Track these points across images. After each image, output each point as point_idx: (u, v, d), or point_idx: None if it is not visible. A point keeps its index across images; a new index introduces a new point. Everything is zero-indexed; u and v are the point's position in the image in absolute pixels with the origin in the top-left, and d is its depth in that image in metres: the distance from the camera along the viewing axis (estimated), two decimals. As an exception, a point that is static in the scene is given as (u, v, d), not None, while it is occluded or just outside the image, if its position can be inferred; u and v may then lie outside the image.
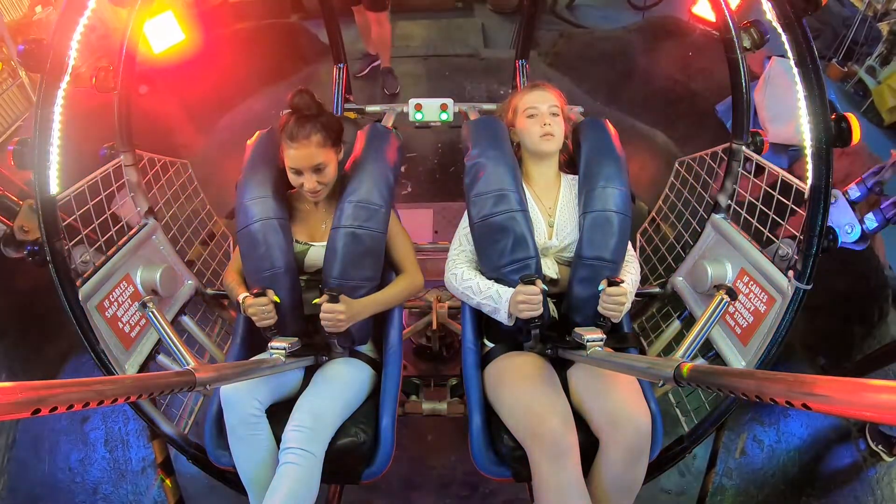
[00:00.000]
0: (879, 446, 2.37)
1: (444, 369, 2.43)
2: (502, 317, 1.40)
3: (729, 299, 1.29)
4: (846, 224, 1.27)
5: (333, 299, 1.37)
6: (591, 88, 4.20)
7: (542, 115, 1.53)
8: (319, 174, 1.42)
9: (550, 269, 1.52)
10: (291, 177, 1.44)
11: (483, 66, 4.50)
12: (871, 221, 1.25)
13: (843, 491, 2.33)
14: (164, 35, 2.81)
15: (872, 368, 2.45)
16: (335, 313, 1.37)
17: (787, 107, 3.04)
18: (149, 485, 2.31)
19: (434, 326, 2.25)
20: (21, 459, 2.40)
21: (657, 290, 1.97)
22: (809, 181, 1.23)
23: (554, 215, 1.55)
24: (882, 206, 1.25)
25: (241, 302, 1.43)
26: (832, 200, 1.28)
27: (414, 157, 3.62)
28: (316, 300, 1.41)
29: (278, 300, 1.42)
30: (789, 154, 3.28)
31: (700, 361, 1.66)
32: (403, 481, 2.24)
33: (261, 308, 1.38)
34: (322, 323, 1.39)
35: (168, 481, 1.60)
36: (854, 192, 1.28)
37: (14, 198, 1.39)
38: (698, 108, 3.73)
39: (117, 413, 2.49)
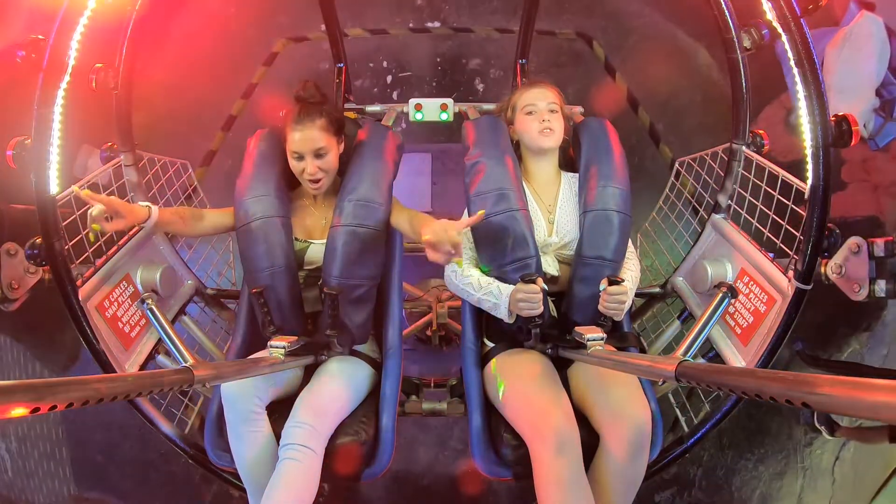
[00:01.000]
0: (823, 427, 2.46)
1: (444, 369, 2.43)
2: (502, 313, 1.41)
3: (730, 297, 1.29)
4: (857, 282, 1.24)
5: (333, 300, 1.36)
6: None
7: (541, 111, 1.54)
8: (320, 160, 1.44)
9: (550, 266, 1.52)
10: (293, 164, 1.45)
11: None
12: (880, 290, 1.22)
13: (778, 456, 2.46)
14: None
15: (850, 374, 2.46)
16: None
17: (859, 77, 2.57)
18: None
19: (434, 326, 2.25)
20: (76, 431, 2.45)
21: (657, 290, 1.97)
22: (809, 181, 1.24)
23: (554, 212, 1.55)
24: None
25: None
26: (855, 249, 1.25)
27: (408, 76, 3.17)
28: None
29: (277, 303, 1.41)
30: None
31: (700, 361, 1.66)
32: (408, 438, 2.34)
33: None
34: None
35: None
36: (880, 249, 1.23)
37: None
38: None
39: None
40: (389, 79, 3.19)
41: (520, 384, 1.38)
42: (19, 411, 0.56)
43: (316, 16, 2.32)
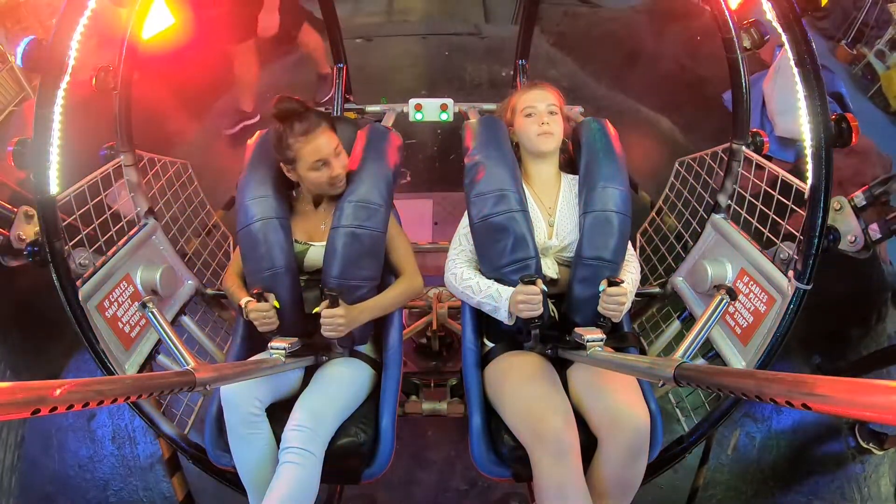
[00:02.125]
0: (870, 444, 2.39)
1: (444, 369, 2.43)
2: (502, 315, 1.41)
3: (729, 299, 1.29)
4: (850, 233, 1.26)
5: (333, 302, 1.37)
6: (595, 70, 4.06)
7: (541, 113, 1.53)
8: (340, 157, 1.46)
9: (550, 268, 1.52)
10: (315, 175, 1.44)
11: (485, 45, 4.35)
12: (875, 233, 1.24)
13: (831, 487, 2.36)
14: (154, 19, 2.71)
15: (869, 370, 2.46)
16: (335, 318, 1.37)
17: (796, 99, 3.02)
18: (158, 480, 2.32)
19: (434, 326, 2.25)
20: (31, 457, 2.41)
21: (657, 290, 1.97)
22: (809, 181, 1.23)
23: (554, 215, 1.55)
24: (887, 218, 1.23)
25: (242, 306, 1.43)
26: (837, 208, 1.27)
27: (413, 143, 3.50)
28: (316, 309, 1.41)
29: (278, 305, 1.42)
30: (797, 148, 3.12)
31: (700, 361, 1.67)
32: (404, 475, 2.27)
33: (261, 314, 1.39)
34: (322, 329, 1.39)
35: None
36: (860, 199, 1.26)
37: (7, 206, 1.35)
38: (706, 94, 3.62)
39: (122, 409, 2.51)
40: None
41: (519, 389, 1.38)
42: (20, 412, 0.56)
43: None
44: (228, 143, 3.49)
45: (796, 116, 1.24)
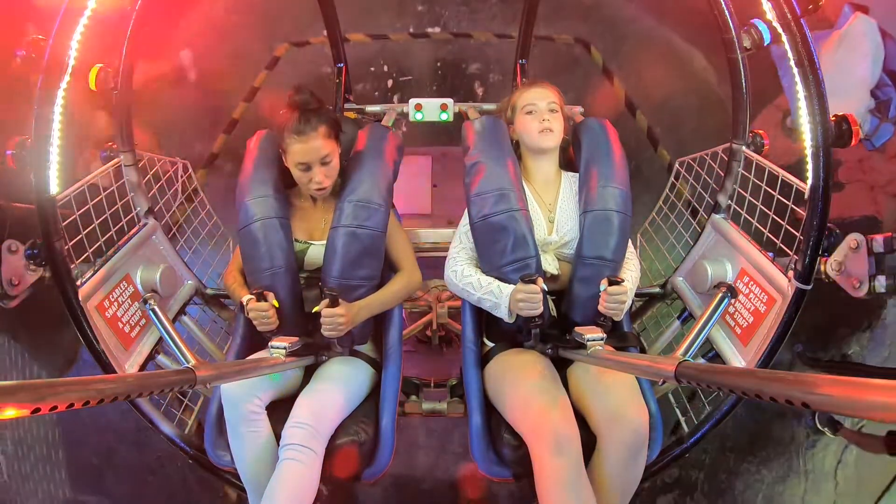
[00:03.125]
0: (826, 428, 2.48)
1: (444, 369, 2.43)
2: (503, 312, 1.41)
3: (730, 297, 1.29)
4: (857, 277, 1.25)
5: (333, 302, 1.37)
6: None
7: (541, 111, 1.54)
8: (327, 167, 1.44)
9: (551, 264, 1.52)
10: (298, 174, 1.44)
11: None
12: (880, 285, 1.23)
13: (780, 459, 2.47)
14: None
15: (851, 374, 2.47)
16: (335, 317, 1.37)
17: (854, 79, 2.66)
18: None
19: (434, 326, 2.26)
20: (73, 432, 2.46)
21: (657, 290, 1.97)
22: (809, 181, 1.24)
23: (554, 211, 1.55)
24: None
25: (244, 304, 1.43)
26: (854, 246, 1.25)
27: (409, 80, 3.20)
28: (316, 308, 1.41)
29: (277, 304, 1.42)
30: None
31: (700, 361, 1.67)
32: (408, 442, 2.36)
33: (261, 313, 1.39)
34: (322, 329, 1.39)
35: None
36: (878, 245, 1.23)
37: None
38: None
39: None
40: (390, 83, 3.23)
41: (519, 385, 1.38)
42: (20, 411, 0.56)
43: (318, 22, 2.33)
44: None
45: (847, 99, 1.20)
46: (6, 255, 1.29)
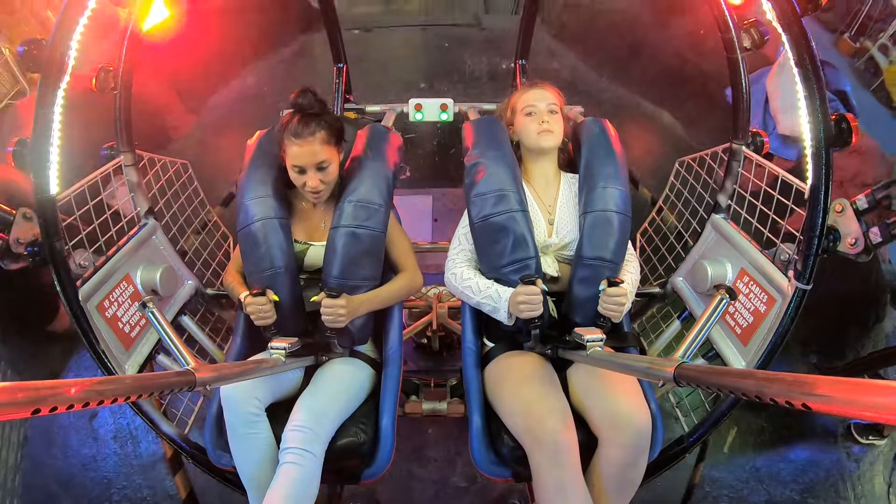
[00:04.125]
0: (869, 437, 2.40)
1: (444, 369, 2.43)
2: (502, 316, 1.41)
3: (729, 299, 1.29)
4: (850, 236, 1.26)
5: (332, 294, 1.37)
6: (596, 63, 4.04)
7: (541, 112, 1.54)
8: (323, 172, 1.43)
9: (550, 266, 1.52)
10: (294, 176, 1.44)
11: (484, 36, 4.35)
12: (875, 236, 1.24)
13: (825, 485, 2.38)
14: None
15: (868, 370, 2.46)
16: (335, 308, 1.37)
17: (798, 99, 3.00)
18: (161, 478, 2.33)
19: (434, 326, 2.25)
20: (34, 456, 2.42)
21: (657, 290, 1.97)
22: (809, 181, 1.23)
23: (554, 213, 1.55)
24: (888, 221, 1.23)
25: (241, 301, 1.43)
26: (839, 210, 1.27)
27: (412, 138, 3.47)
28: (314, 297, 1.41)
29: (277, 299, 1.42)
30: (799, 146, 3.07)
31: (700, 361, 1.67)
32: (405, 473, 2.29)
33: (259, 308, 1.39)
34: (323, 318, 1.39)
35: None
36: (862, 202, 1.25)
37: (6, 208, 1.34)
38: (708, 90, 3.55)
39: (124, 408, 2.51)
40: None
41: (518, 390, 1.38)
42: (20, 412, 0.56)
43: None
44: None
45: (796, 116, 1.24)
46: (20, 219, 1.32)
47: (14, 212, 1.33)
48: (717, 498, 2.32)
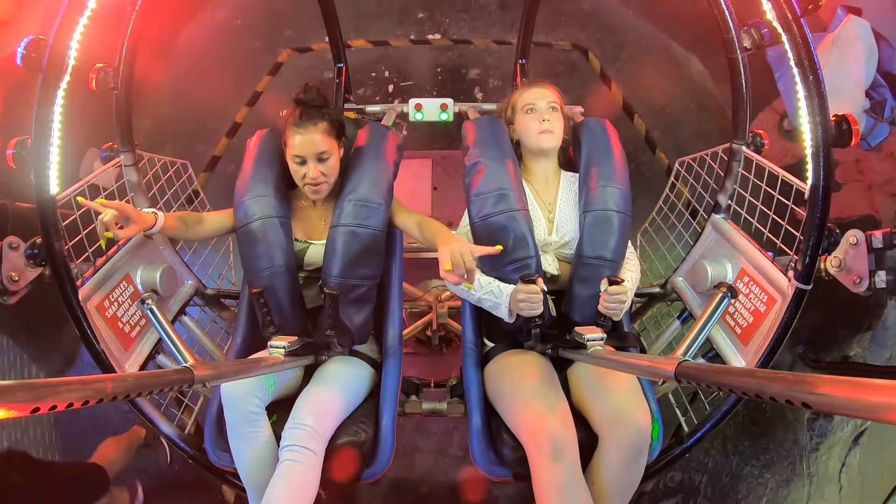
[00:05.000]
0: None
1: (444, 369, 2.43)
2: (503, 312, 1.41)
3: (730, 297, 1.29)
4: (857, 273, 1.24)
5: (333, 300, 1.36)
6: None
7: (541, 111, 1.54)
8: (323, 164, 1.43)
9: (551, 265, 1.52)
10: (294, 168, 1.44)
11: None
12: (880, 281, 1.22)
13: (784, 462, 2.46)
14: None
15: (851, 374, 2.46)
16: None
17: (848, 80, 2.70)
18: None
19: (434, 326, 2.25)
20: (68, 456, 2.47)
21: (657, 290, 1.97)
22: (809, 181, 1.23)
23: (554, 211, 1.55)
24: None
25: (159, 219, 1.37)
26: (853, 242, 1.25)
27: (409, 86, 3.25)
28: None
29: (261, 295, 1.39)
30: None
31: (700, 361, 1.66)
32: (407, 444, 2.38)
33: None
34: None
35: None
36: (877, 241, 1.22)
37: None
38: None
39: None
40: (391, 88, 3.27)
41: (518, 388, 1.38)
42: (19, 411, 0.56)
43: (320, 28, 2.35)
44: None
45: (843, 99, 1.20)
46: (7, 252, 1.30)
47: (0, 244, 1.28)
48: (685, 469, 2.43)
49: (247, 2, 3.44)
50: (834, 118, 1.21)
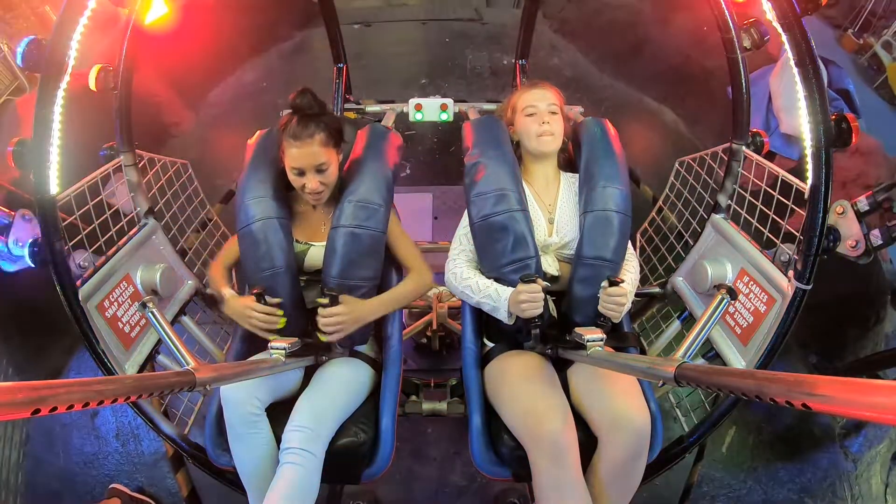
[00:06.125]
0: None
1: (444, 369, 2.43)
2: (502, 315, 1.41)
3: (729, 299, 1.29)
4: (851, 238, 1.26)
5: (333, 301, 1.36)
6: (598, 59, 3.99)
7: (541, 113, 1.54)
8: (322, 174, 1.42)
9: (551, 265, 1.52)
10: (293, 178, 1.43)
11: (486, 31, 4.31)
12: (876, 238, 1.24)
13: (823, 485, 2.38)
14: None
15: (866, 371, 2.45)
16: (335, 316, 1.36)
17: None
18: (163, 476, 2.34)
19: (434, 326, 2.25)
20: (36, 455, 2.43)
21: (657, 290, 1.97)
22: (809, 181, 1.23)
23: (554, 212, 1.55)
24: (889, 224, 1.23)
25: (224, 297, 1.44)
26: (840, 212, 1.27)
27: (412, 134, 3.44)
28: (318, 299, 1.40)
29: (280, 304, 1.43)
30: (801, 146, 3.07)
31: (700, 361, 1.66)
32: (405, 471, 2.30)
33: (265, 317, 1.39)
34: (321, 325, 1.38)
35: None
36: (863, 204, 1.25)
37: (4, 209, 1.32)
38: (710, 87, 3.49)
39: (126, 407, 2.51)
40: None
41: (518, 389, 1.38)
42: (20, 413, 0.56)
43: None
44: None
45: (798, 115, 1.24)
46: (19, 220, 1.32)
47: (13, 213, 1.32)
48: (715, 497, 2.33)
49: (273, 68, 3.99)
50: (834, 117, 1.21)
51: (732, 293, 1.30)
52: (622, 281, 1.35)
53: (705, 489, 2.32)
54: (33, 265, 1.29)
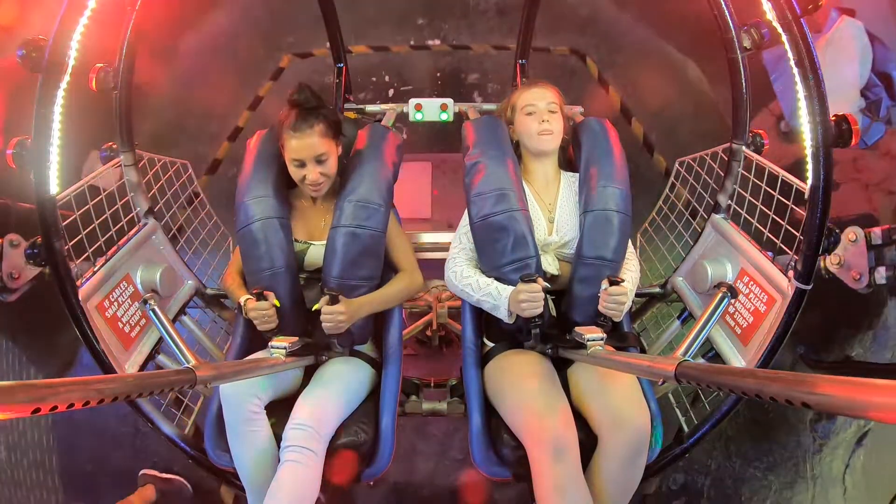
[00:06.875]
0: None
1: (444, 369, 2.43)
2: (502, 314, 1.41)
3: (730, 297, 1.29)
4: (857, 269, 1.24)
5: (333, 300, 1.37)
6: None
7: (541, 112, 1.54)
8: (322, 165, 1.44)
9: (551, 265, 1.52)
10: (293, 170, 1.45)
11: None
12: (880, 277, 1.22)
13: (787, 464, 2.47)
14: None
15: (858, 375, 2.45)
16: (335, 314, 1.37)
17: (843, 80, 2.77)
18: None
19: (434, 326, 2.25)
20: (66, 438, 2.48)
21: (657, 290, 1.97)
22: (809, 181, 1.23)
23: (554, 211, 1.55)
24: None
25: (242, 304, 1.43)
26: (852, 238, 1.26)
27: (409, 90, 3.27)
28: (316, 306, 1.41)
29: (279, 304, 1.43)
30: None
31: (700, 361, 1.66)
32: (408, 447, 2.39)
33: (262, 312, 1.39)
34: (323, 325, 1.39)
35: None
36: (877, 237, 1.24)
37: None
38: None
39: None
40: (391, 92, 3.33)
41: (519, 388, 1.38)
42: (20, 412, 0.56)
43: (321, 34, 2.38)
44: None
45: (838, 98, 1.22)
46: (7, 249, 1.31)
47: (1, 241, 1.30)
48: (688, 472, 2.43)
49: (248, 9, 3.49)
50: (834, 118, 1.21)
51: (733, 291, 1.31)
52: (622, 280, 1.35)
53: (680, 464, 2.40)
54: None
